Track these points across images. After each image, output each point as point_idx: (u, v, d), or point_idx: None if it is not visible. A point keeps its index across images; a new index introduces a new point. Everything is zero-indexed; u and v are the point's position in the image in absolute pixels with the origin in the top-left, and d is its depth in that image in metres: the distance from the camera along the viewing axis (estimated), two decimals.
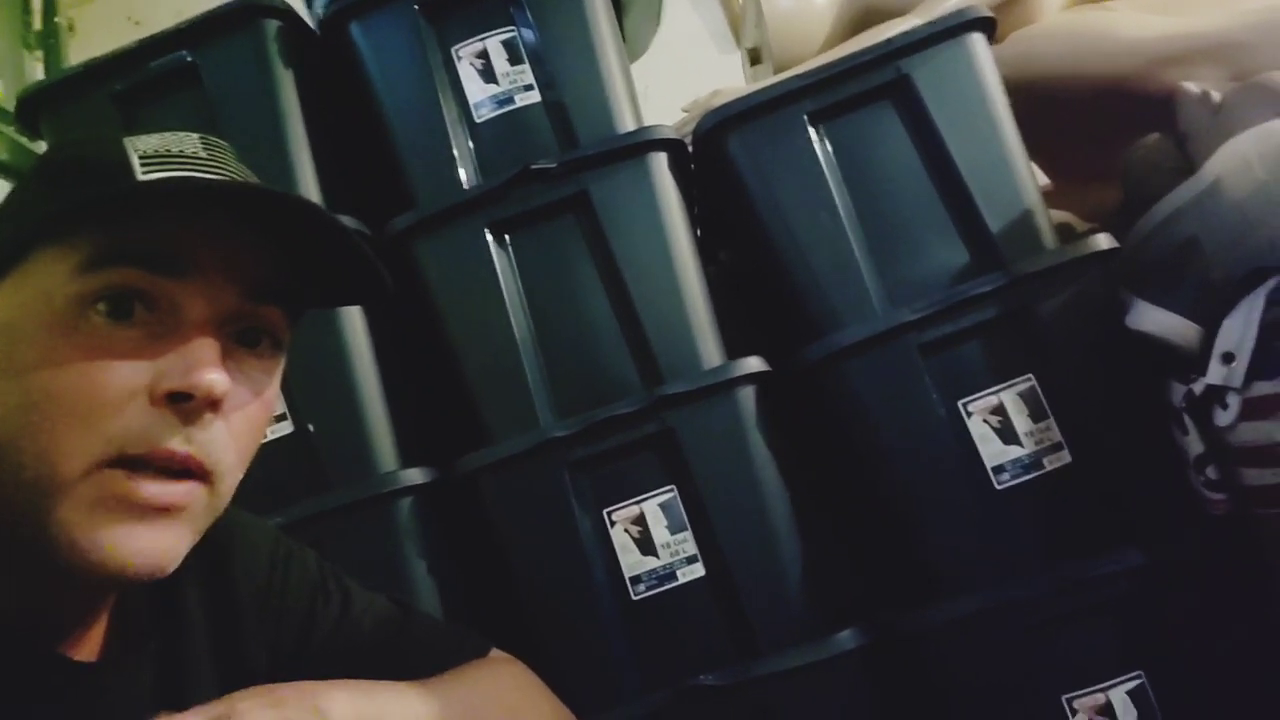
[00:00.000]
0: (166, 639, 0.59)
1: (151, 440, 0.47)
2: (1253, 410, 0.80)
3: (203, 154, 0.53)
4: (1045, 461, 0.92)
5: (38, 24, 2.12)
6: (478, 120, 1.09)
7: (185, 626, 0.60)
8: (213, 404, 0.49)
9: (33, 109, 1.13)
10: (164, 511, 0.48)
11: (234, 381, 0.51)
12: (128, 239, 0.48)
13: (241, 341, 0.53)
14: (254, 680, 0.62)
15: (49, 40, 2.11)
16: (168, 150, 0.51)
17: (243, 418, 0.52)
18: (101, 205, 0.49)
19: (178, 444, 0.48)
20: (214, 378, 0.48)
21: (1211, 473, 0.85)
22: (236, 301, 0.52)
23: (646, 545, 0.94)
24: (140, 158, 0.50)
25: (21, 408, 0.47)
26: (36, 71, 2.08)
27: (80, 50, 2.14)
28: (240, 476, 0.54)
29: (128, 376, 0.47)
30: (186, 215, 0.50)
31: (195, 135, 0.54)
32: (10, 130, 1.61)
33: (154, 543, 0.48)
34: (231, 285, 0.51)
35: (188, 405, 0.48)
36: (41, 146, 1.34)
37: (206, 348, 0.49)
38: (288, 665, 0.65)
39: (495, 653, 0.73)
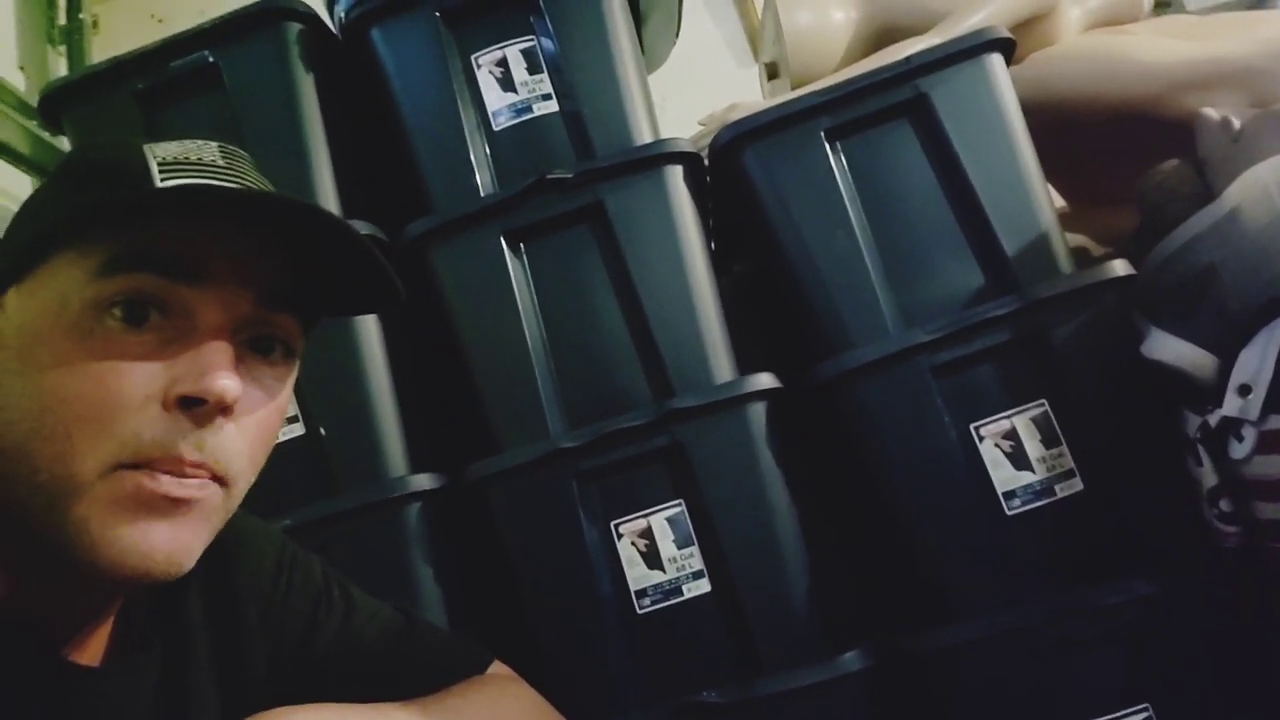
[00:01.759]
0: (169, 644, 0.59)
1: (164, 446, 0.47)
2: (1268, 444, 0.79)
3: (221, 162, 0.53)
4: (1057, 488, 0.92)
5: (62, 19, 2.14)
6: (496, 128, 1.10)
7: (188, 632, 0.60)
8: (224, 409, 0.49)
9: (55, 105, 1.14)
10: (181, 505, 0.48)
11: (246, 387, 0.51)
12: (144, 244, 0.49)
13: (255, 348, 0.53)
14: (254, 686, 0.62)
15: (73, 36, 2.13)
16: (186, 158, 0.52)
17: (254, 423, 0.52)
18: (120, 209, 0.49)
19: (189, 451, 0.48)
20: (226, 383, 0.48)
21: (1225, 505, 0.84)
22: (250, 308, 0.52)
23: (653, 559, 0.94)
24: (159, 164, 0.50)
25: (37, 411, 0.47)
26: (60, 67, 2.09)
27: (104, 47, 2.15)
28: (252, 480, 0.54)
29: (141, 382, 0.48)
30: (203, 222, 0.50)
31: (214, 144, 0.54)
32: (33, 125, 1.62)
33: (173, 538, 0.48)
34: (246, 292, 0.51)
35: (200, 410, 0.48)
36: (63, 142, 1.35)
37: (219, 351, 0.50)
38: (289, 672, 0.64)
39: (498, 667, 0.73)
